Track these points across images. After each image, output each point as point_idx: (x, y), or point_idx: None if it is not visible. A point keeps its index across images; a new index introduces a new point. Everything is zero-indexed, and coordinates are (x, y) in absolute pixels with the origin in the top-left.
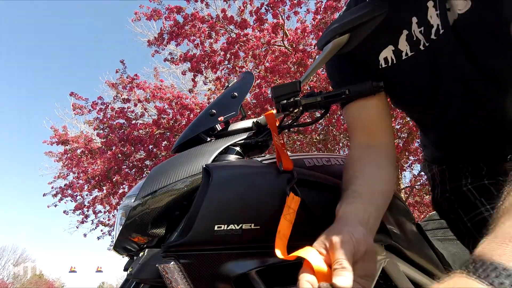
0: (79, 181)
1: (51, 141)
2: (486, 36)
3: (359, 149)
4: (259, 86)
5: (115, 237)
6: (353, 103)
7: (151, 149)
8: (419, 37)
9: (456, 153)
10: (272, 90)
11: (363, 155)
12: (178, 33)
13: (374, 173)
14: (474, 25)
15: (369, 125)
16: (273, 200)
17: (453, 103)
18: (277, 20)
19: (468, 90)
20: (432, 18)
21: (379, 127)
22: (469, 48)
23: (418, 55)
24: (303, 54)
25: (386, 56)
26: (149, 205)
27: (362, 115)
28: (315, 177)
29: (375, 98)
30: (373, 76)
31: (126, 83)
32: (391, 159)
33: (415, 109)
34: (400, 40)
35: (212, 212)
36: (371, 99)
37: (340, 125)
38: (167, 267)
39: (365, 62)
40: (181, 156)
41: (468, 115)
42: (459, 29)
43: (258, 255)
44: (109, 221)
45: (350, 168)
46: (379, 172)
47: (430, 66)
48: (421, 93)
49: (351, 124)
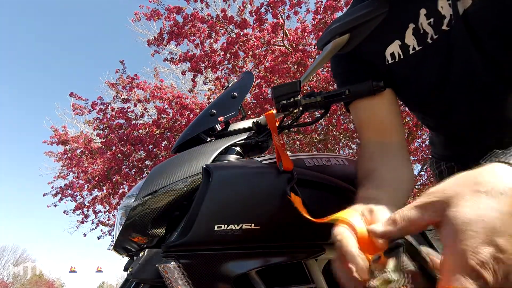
0: (79, 181)
1: (51, 141)
2: (497, 28)
3: (372, 146)
4: (259, 86)
5: (115, 237)
6: (359, 102)
7: (151, 149)
8: (427, 30)
9: (464, 150)
10: (272, 90)
11: (377, 150)
12: (178, 33)
13: (392, 169)
14: (485, 17)
15: (378, 123)
16: (273, 200)
17: (460, 98)
18: (277, 20)
19: (475, 86)
20: (443, 8)
21: (389, 125)
22: (479, 41)
23: (425, 49)
24: (303, 54)
25: (393, 51)
26: (149, 205)
27: (369, 114)
28: (315, 177)
29: (382, 97)
30: (380, 73)
31: (126, 83)
32: (406, 157)
33: (422, 105)
34: (406, 34)
35: (212, 212)
36: (377, 97)
37: (340, 125)
38: (167, 267)
39: (370, 60)
40: (181, 156)
41: (475, 112)
42: (470, 19)
43: (258, 255)
44: (109, 221)
45: (367, 162)
46: (395, 170)
47: (438, 59)
48: (428, 88)
49: (359, 124)
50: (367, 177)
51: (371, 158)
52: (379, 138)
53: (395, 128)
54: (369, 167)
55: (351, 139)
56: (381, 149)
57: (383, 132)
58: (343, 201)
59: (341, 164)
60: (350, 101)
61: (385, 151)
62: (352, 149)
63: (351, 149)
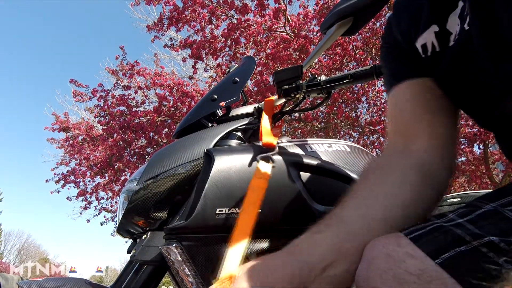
0: (81, 168)
1: (53, 128)
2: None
3: (385, 155)
4: (260, 73)
5: (118, 220)
6: (398, 88)
7: (152, 136)
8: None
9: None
10: (274, 75)
11: (385, 162)
12: (178, 18)
13: (387, 192)
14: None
15: (404, 122)
16: (273, 184)
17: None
18: (278, 5)
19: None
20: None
21: (418, 127)
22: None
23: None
24: (305, 40)
25: (425, 42)
26: (151, 189)
27: (398, 108)
28: (316, 163)
29: (422, 84)
30: (421, 67)
31: (126, 70)
32: (426, 174)
33: (474, 111)
34: (450, 17)
35: (214, 196)
36: (417, 84)
37: (342, 113)
38: (170, 249)
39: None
40: (182, 141)
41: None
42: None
43: (259, 238)
44: (112, 207)
45: (361, 177)
46: (394, 191)
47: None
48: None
49: (388, 118)
50: (358, 186)
51: (368, 172)
52: (402, 141)
53: (429, 132)
54: (355, 188)
55: (352, 127)
56: (394, 159)
57: (408, 135)
58: (344, 187)
59: (343, 150)
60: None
61: (400, 160)
62: (353, 137)
63: (352, 137)
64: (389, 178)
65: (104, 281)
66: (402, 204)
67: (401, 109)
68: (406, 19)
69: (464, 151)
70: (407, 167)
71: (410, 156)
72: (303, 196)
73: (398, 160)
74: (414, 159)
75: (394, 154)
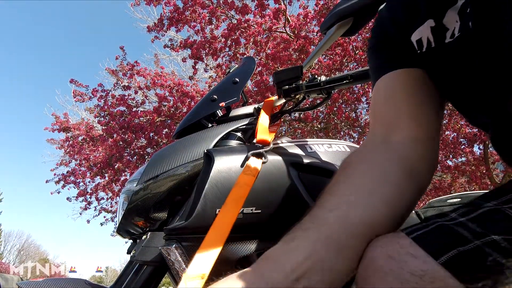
0: (81, 168)
1: (53, 128)
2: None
3: (366, 147)
4: (260, 73)
5: (118, 220)
6: (384, 77)
7: (152, 136)
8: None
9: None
10: (274, 75)
11: (366, 155)
12: (178, 18)
13: (368, 188)
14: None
15: (386, 111)
16: (273, 184)
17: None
18: (278, 5)
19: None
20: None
21: (400, 117)
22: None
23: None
24: (305, 40)
25: (420, 37)
26: (151, 190)
27: (382, 96)
28: (316, 163)
29: (409, 74)
30: (411, 59)
31: (126, 70)
32: (408, 169)
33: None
34: (448, 12)
35: (214, 196)
36: (404, 73)
37: (341, 113)
38: (170, 249)
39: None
40: (182, 141)
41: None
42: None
43: (260, 238)
44: (112, 207)
45: (340, 171)
46: (375, 187)
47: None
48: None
49: (370, 109)
50: (337, 180)
51: (347, 166)
52: (384, 132)
53: (414, 122)
54: (332, 182)
55: (352, 127)
56: (375, 150)
57: (391, 125)
58: None
59: (343, 151)
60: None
61: (381, 151)
62: (353, 138)
63: (352, 137)
64: (370, 173)
65: (104, 281)
66: (384, 202)
67: (385, 97)
68: (401, 11)
69: (464, 151)
70: (389, 161)
71: (392, 149)
72: (303, 197)
73: (380, 153)
74: (396, 152)
75: (375, 146)
